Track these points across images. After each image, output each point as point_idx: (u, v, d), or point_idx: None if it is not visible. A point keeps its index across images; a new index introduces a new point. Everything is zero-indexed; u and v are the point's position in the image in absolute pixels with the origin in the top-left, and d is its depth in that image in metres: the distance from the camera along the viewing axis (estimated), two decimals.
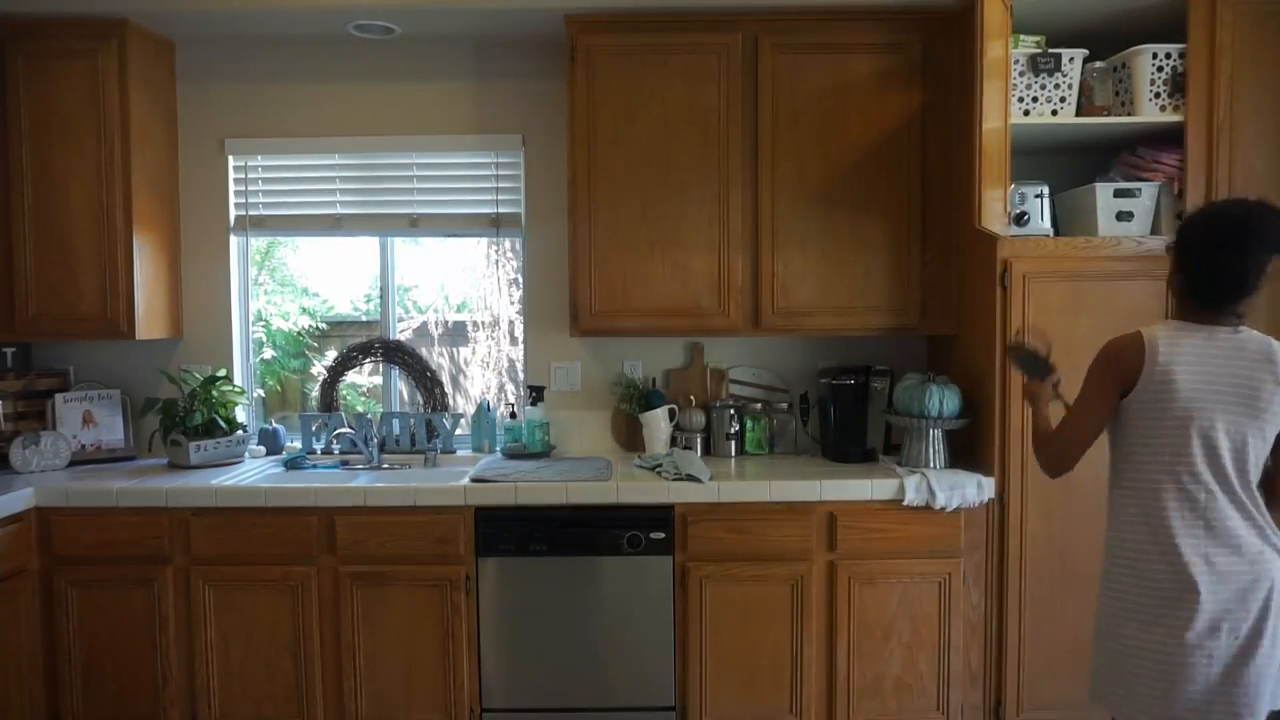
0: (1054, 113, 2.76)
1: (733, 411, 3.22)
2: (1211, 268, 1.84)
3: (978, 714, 2.85)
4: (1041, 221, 2.78)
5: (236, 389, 3.27)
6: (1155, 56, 2.69)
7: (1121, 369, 1.89)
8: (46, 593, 2.77)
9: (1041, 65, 2.71)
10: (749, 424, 3.26)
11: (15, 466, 3.05)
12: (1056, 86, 2.74)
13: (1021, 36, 2.75)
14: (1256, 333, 1.87)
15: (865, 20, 2.96)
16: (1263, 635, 1.79)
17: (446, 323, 4.11)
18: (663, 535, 2.74)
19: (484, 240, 3.67)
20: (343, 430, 3.28)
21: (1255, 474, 1.85)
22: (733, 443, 3.22)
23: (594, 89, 2.97)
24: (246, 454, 3.26)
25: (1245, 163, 2.72)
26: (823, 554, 2.78)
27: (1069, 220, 2.91)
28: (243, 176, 3.40)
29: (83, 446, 3.23)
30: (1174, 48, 2.69)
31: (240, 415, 3.31)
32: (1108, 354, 1.92)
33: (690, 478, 2.76)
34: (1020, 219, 2.72)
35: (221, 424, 3.17)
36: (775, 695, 2.79)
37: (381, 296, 3.52)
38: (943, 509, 2.73)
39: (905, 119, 2.97)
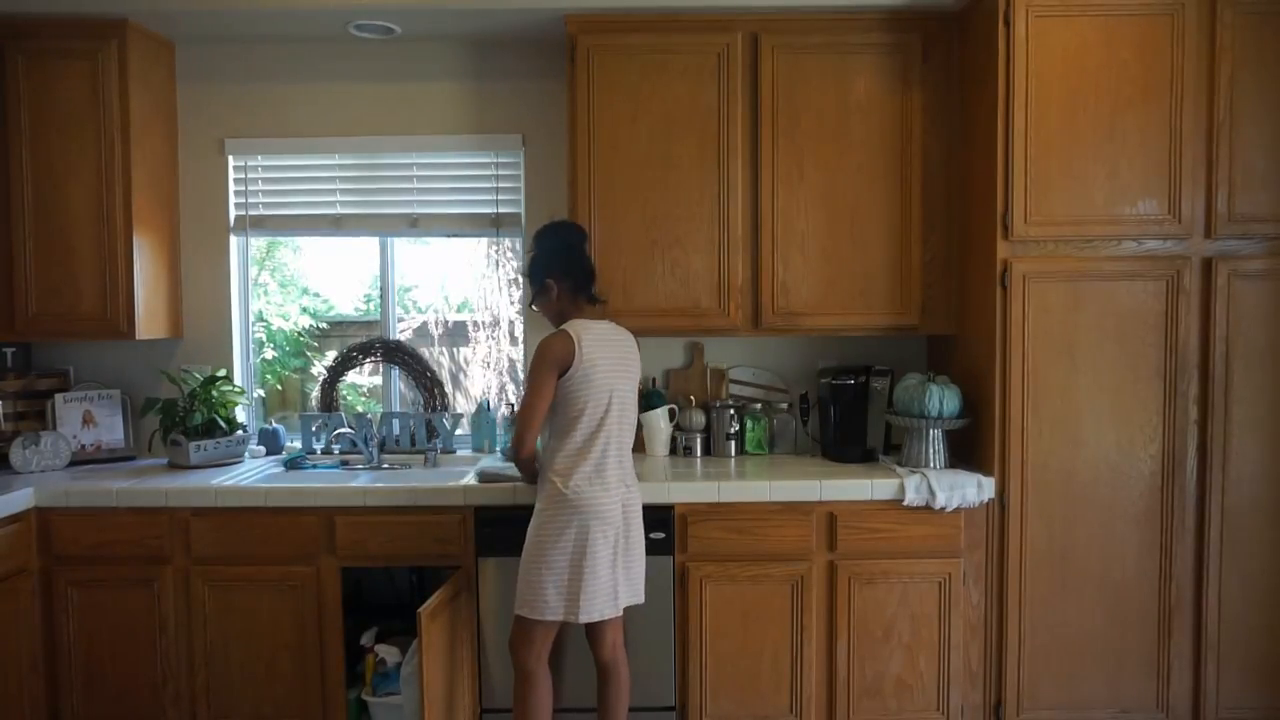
0: None
1: (733, 411, 3.22)
2: (581, 260, 2.52)
3: (978, 714, 2.85)
4: None
5: (236, 389, 3.27)
6: None
7: (560, 362, 2.37)
8: (46, 593, 2.77)
9: None
10: (749, 424, 3.26)
11: (15, 466, 3.05)
12: None
13: None
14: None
15: (865, 20, 2.96)
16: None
17: (446, 323, 4.11)
18: (663, 535, 2.74)
19: (484, 240, 3.67)
20: (343, 430, 3.28)
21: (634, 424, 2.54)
22: (733, 443, 3.22)
23: (594, 89, 2.97)
24: (246, 454, 3.26)
25: (1245, 163, 2.72)
26: (823, 554, 2.78)
27: None
28: (243, 176, 3.41)
29: (83, 446, 3.23)
30: None
31: (240, 415, 3.32)
32: (550, 354, 2.37)
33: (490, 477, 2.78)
34: None
35: (221, 424, 3.17)
36: (775, 695, 2.79)
37: (381, 296, 3.53)
38: (943, 509, 2.73)
39: (905, 119, 2.97)
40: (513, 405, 3.45)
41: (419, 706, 2.44)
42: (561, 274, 2.50)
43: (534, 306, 2.59)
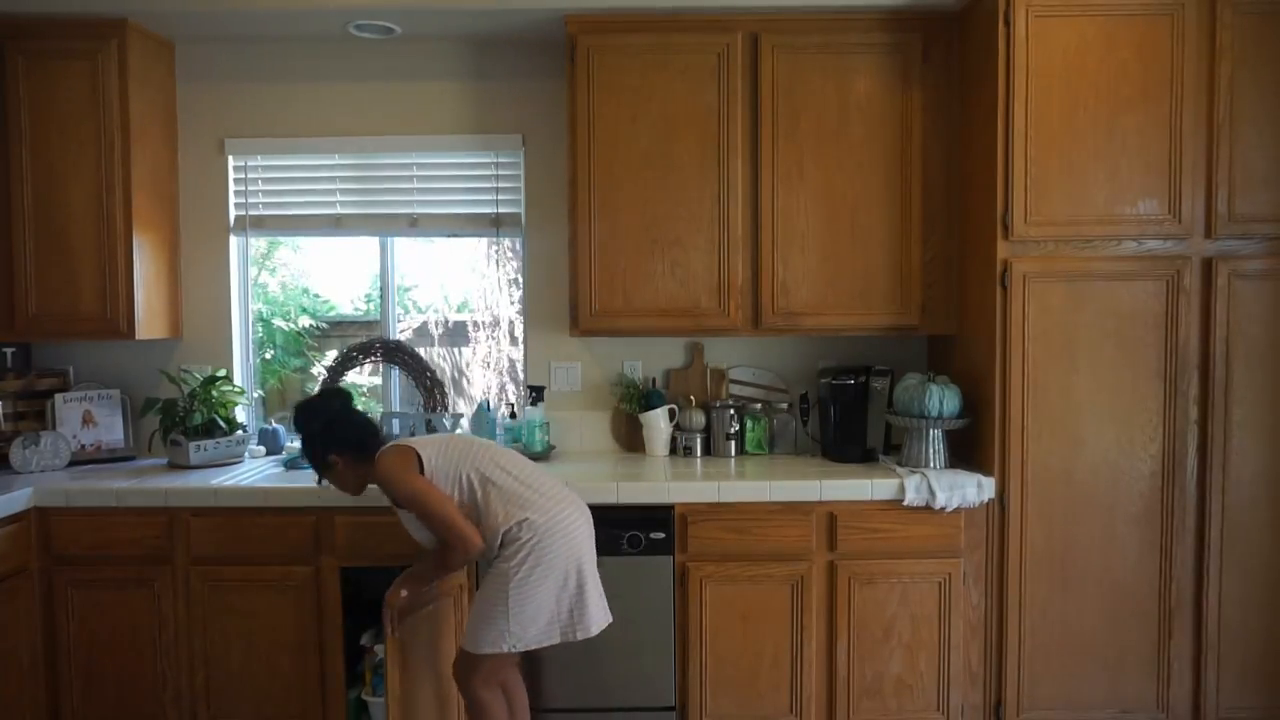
0: None
1: (733, 411, 3.22)
2: (353, 422, 2.41)
3: (978, 714, 2.85)
4: None
5: (236, 389, 3.27)
6: None
7: (413, 464, 2.32)
8: (46, 593, 2.77)
9: None
10: (749, 424, 3.26)
11: (15, 466, 3.05)
12: None
13: None
14: None
15: (865, 20, 2.96)
16: None
17: (447, 323, 4.11)
18: (663, 535, 2.74)
19: (484, 240, 3.67)
20: None
21: None
22: (733, 443, 3.22)
23: (594, 89, 2.97)
24: (246, 454, 3.26)
25: (1245, 163, 2.72)
26: (823, 554, 2.78)
27: None
28: (242, 176, 3.40)
29: (83, 446, 3.23)
30: None
31: (240, 415, 3.32)
32: (399, 463, 2.31)
33: None
34: None
35: (221, 424, 3.17)
36: (775, 695, 2.79)
37: (381, 296, 3.53)
38: (943, 509, 2.73)
39: (905, 119, 2.97)
40: (513, 405, 3.46)
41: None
42: (340, 445, 2.37)
43: (324, 484, 2.46)
